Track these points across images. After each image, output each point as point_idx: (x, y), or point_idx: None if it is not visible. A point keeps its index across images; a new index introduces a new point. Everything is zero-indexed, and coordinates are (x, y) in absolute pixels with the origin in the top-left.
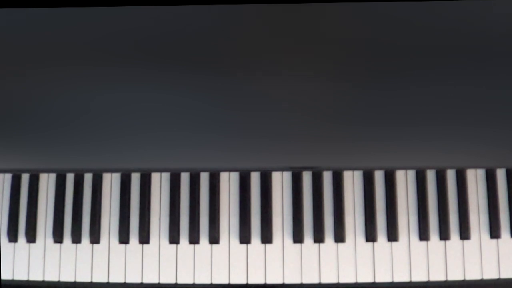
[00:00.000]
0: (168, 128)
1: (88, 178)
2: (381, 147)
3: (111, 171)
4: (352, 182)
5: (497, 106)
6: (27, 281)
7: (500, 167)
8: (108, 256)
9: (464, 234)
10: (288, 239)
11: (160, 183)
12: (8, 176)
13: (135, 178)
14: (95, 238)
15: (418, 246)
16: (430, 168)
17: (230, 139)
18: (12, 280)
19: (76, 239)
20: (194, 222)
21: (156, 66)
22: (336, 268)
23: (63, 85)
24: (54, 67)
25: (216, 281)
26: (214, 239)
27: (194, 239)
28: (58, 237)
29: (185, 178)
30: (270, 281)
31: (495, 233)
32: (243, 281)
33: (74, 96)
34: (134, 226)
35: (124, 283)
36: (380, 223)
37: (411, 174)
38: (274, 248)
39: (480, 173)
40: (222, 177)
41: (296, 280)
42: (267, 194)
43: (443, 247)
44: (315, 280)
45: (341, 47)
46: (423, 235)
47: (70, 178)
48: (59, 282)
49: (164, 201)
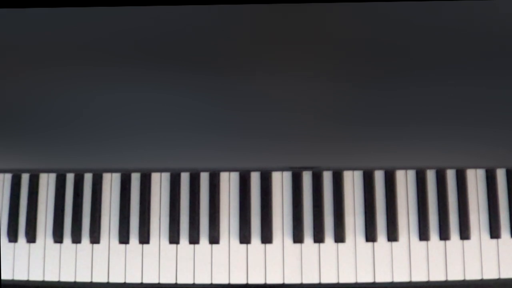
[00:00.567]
0: (168, 128)
1: (88, 178)
2: (381, 147)
3: (111, 171)
4: (352, 182)
5: (497, 106)
6: (27, 281)
7: (500, 167)
8: (108, 256)
9: (464, 234)
10: (288, 239)
11: (160, 183)
12: (8, 176)
13: (135, 178)
14: (95, 238)
15: (418, 246)
16: (430, 168)
17: (230, 139)
18: (12, 280)
19: (76, 239)
20: (194, 222)
21: (156, 66)
22: (336, 268)
23: (63, 85)
24: (54, 67)
25: (216, 281)
26: (214, 239)
27: (194, 239)
28: (58, 237)
29: (185, 178)
30: (270, 281)
31: (495, 233)
32: (243, 281)
33: (74, 96)
34: (134, 226)
35: (124, 283)
36: (380, 223)
37: (411, 174)
38: (274, 248)
39: (480, 173)
40: (222, 177)
41: (296, 280)
42: (267, 194)
43: (443, 247)
44: (315, 280)
45: (341, 47)
46: (423, 235)
47: (70, 178)
48: (59, 282)
49: (164, 201)
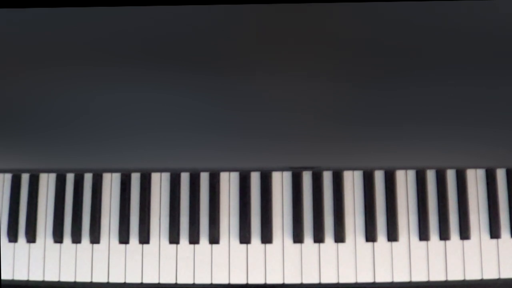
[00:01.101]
0: (168, 128)
1: (88, 178)
2: (381, 147)
3: (111, 171)
4: (352, 182)
5: (497, 106)
6: (27, 281)
7: (500, 167)
8: (108, 256)
9: (464, 234)
10: (288, 239)
11: (160, 183)
12: (8, 176)
13: (135, 178)
14: (95, 238)
15: (418, 246)
16: (430, 168)
17: (230, 139)
18: (12, 280)
19: (76, 239)
20: (194, 222)
21: (156, 66)
22: (336, 268)
23: (63, 85)
24: (54, 67)
25: (216, 281)
26: (214, 239)
27: (194, 239)
28: (58, 237)
29: (185, 178)
30: (270, 281)
31: (495, 233)
32: (243, 281)
33: (74, 96)
34: (134, 226)
35: (124, 283)
36: (380, 223)
37: (411, 174)
38: (274, 248)
39: (480, 173)
40: (222, 177)
41: (296, 280)
42: (267, 194)
43: (443, 247)
44: (315, 280)
45: (341, 47)
46: (423, 235)
47: (70, 178)
48: (59, 282)
49: (164, 201)
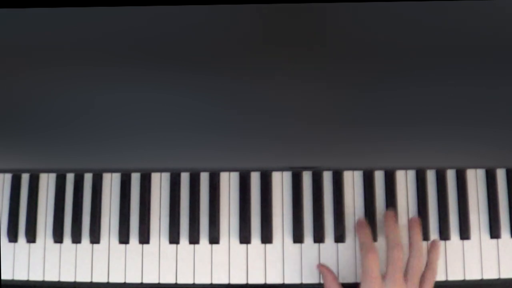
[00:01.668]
0: (168, 128)
1: (88, 178)
2: (381, 147)
3: (111, 171)
4: (352, 182)
5: (497, 106)
6: (27, 281)
7: (500, 167)
8: (108, 256)
9: (464, 234)
10: (288, 239)
11: (160, 183)
12: (8, 176)
13: (135, 178)
14: (95, 238)
15: None
16: (430, 168)
17: (230, 139)
18: (12, 280)
19: (76, 239)
20: (194, 222)
21: (156, 66)
22: (336, 268)
23: (63, 85)
24: (54, 67)
25: (216, 281)
26: (214, 239)
27: (194, 239)
28: (58, 237)
29: (185, 178)
30: (270, 281)
31: (495, 233)
32: (243, 281)
33: (74, 96)
34: (134, 226)
35: (124, 283)
36: (379, 223)
37: (411, 174)
38: (274, 248)
39: (480, 173)
40: (222, 177)
41: (296, 280)
42: (267, 194)
43: (443, 247)
44: (315, 280)
45: (341, 47)
46: (423, 235)
47: (70, 178)
48: (59, 282)
49: (164, 201)
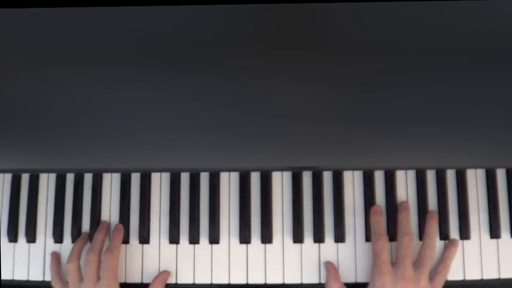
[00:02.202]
0: (168, 128)
1: (88, 178)
2: (381, 147)
3: (111, 171)
4: (352, 182)
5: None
6: (27, 281)
7: (500, 167)
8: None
9: (464, 234)
10: (288, 239)
11: (160, 183)
12: (8, 176)
13: (135, 178)
14: None
15: (418, 246)
16: (430, 168)
17: (230, 139)
18: (12, 280)
19: (76, 239)
20: (194, 222)
21: (156, 66)
22: (336, 268)
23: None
24: (54, 67)
25: (216, 281)
26: (214, 239)
27: (194, 239)
28: (58, 237)
29: (185, 178)
30: (270, 281)
31: (495, 233)
32: (243, 281)
33: (74, 96)
34: (134, 226)
35: (124, 283)
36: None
37: (411, 174)
38: (274, 248)
39: (480, 173)
40: (222, 177)
41: (296, 280)
42: (267, 194)
43: (443, 247)
44: (315, 280)
45: (341, 47)
46: (423, 235)
47: (70, 178)
48: None
49: (164, 201)
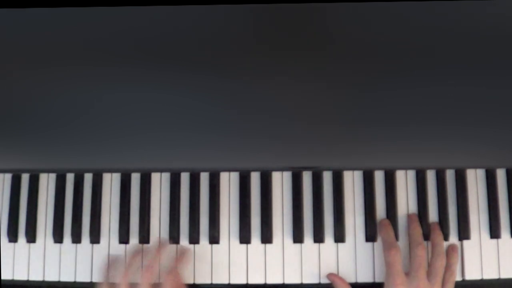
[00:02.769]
0: (168, 128)
1: (88, 178)
2: (381, 147)
3: (111, 171)
4: (352, 182)
5: (497, 106)
6: (27, 281)
7: (500, 167)
8: (108, 256)
9: (464, 234)
10: (288, 239)
11: (160, 183)
12: (8, 176)
13: (135, 178)
14: (95, 238)
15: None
16: (430, 168)
17: (230, 139)
18: (12, 280)
19: (76, 239)
20: (194, 222)
21: (156, 66)
22: (336, 268)
23: (63, 85)
24: (54, 67)
25: (216, 281)
26: (214, 239)
27: (194, 239)
28: (58, 237)
29: (185, 178)
30: (270, 281)
31: (495, 233)
32: (243, 281)
33: (74, 96)
34: (134, 226)
35: None
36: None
37: (411, 174)
38: (274, 248)
39: (480, 173)
40: (222, 177)
41: (296, 280)
42: (267, 194)
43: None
44: (315, 280)
45: (340, 47)
46: (423, 235)
47: (70, 178)
48: (59, 282)
49: (164, 201)
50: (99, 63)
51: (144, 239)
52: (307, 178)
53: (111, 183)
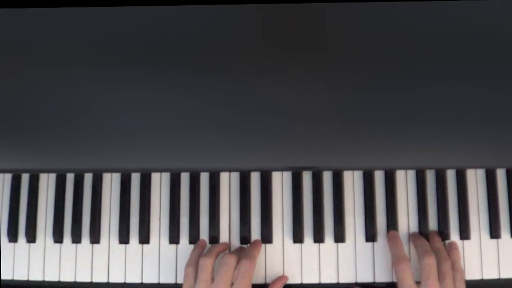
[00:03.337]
0: (168, 128)
1: (88, 178)
2: (381, 147)
3: (111, 171)
4: (352, 182)
5: (497, 106)
6: (27, 281)
7: (500, 167)
8: (108, 256)
9: (464, 234)
10: (288, 239)
11: (160, 183)
12: (8, 176)
13: (135, 178)
14: (95, 238)
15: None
16: (430, 168)
17: (230, 139)
18: (12, 280)
19: (76, 239)
20: (194, 222)
21: (156, 66)
22: (336, 268)
23: (63, 85)
24: (54, 67)
25: None
26: (214, 239)
27: (194, 239)
28: (58, 237)
29: (185, 178)
30: (270, 281)
31: (495, 233)
32: None
33: (74, 96)
34: (134, 226)
35: (124, 283)
36: (380, 223)
37: (411, 174)
38: (274, 248)
39: (480, 173)
40: (222, 177)
41: (296, 280)
42: (267, 194)
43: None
44: (315, 280)
45: (340, 47)
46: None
47: (70, 178)
48: (59, 282)
49: (164, 201)
50: (99, 63)
51: (144, 239)
52: (307, 178)
53: (111, 183)
